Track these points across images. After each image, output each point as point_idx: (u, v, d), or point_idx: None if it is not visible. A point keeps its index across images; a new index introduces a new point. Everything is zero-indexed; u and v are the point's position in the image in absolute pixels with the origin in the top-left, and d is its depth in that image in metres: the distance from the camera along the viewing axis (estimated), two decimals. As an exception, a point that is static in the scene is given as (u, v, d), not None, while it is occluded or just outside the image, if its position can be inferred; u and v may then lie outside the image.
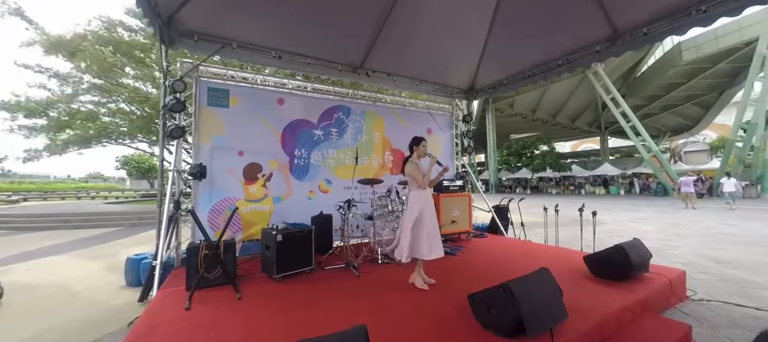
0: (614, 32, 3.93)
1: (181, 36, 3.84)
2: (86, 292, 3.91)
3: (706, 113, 29.41)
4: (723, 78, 24.62)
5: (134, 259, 4.12)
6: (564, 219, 5.57)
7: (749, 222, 9.03)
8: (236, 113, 4.56)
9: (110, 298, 3.74)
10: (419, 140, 3.27)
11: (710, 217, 10.43)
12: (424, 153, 3.23)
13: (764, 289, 3.61)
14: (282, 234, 3.37)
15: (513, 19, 4.38)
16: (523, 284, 2.15)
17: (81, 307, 3.46)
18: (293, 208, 4.83)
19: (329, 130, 5.40)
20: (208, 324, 2.38)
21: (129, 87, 12.88)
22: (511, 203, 6.43)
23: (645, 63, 26.33)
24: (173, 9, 3.54)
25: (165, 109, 3.80)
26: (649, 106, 29.40)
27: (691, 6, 3.22)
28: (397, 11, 4.14)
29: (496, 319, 2.14)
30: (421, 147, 3.23)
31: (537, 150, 29.67)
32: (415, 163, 3.20)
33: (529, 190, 30.93)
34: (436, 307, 2.60)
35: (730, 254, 5.31)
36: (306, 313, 2.59)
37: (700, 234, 7.37)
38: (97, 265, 5.29)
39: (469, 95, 6.53)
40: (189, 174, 3.97)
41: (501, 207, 6.35)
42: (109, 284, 4.21)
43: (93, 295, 3.83)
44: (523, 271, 2.43)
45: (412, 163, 3.20)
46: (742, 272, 4.29)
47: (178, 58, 4.53)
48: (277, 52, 4.38)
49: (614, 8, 3.67)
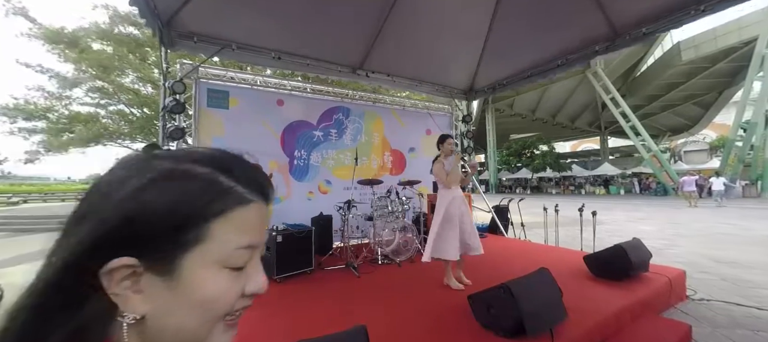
0: (613, 31, 3.94)
1: (180, 37, 3.84)
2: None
3: (705, 113, 29.41)
4: (722, 77, 24.62)
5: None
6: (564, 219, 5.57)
7: (747, 221, 9.03)
8: (236, 114, 4.57)
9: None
10: (444, 138, 3.20)
11: (710, 216, 10.43)
12: (450, 151, 3.14)
13: (764, 289, 3.61)
14: (282, 235, 3.37)
15: (512, 19, 4.38)
16: (523, 284, 2.16)
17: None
18: (293, 209, 4.83)
19: (329, 131, 5.40)
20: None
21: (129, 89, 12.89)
22: (511, 203, 6.43)
23: (644, 63, 26.34)
24: (173, 10, 3.55)
25: (165, 110, 3.80)
26: (649, 106, 29.41)
27: (690, 4, 3.23)
28: (397, 11, 4.15)
29: (496, 319, 2.14)
30: (446, 144, 3.15)
31: (537, 150, 29.67)
32: (442, 162, 3.14)
33: (529, 191, 30.93)
34: (436, 308, 2.60)
35: (730, 254, 5.31)
36: (306, 314, 2.59)
37: (699, 233, 7.37)
38: (97, 267, 5.28)
39: (469, 95, 6.54)
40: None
41: (501, 207, 6.35)
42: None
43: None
44: (523, 271, 2.43)
45: (438, 163, 3.14)
46: (742, 272, 4.29)
47: (178, 60, 4.54)
48: (276, 53, 4.38)
49: (613, 7, 3.67)
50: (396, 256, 4.12)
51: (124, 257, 0.29)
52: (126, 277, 0.30)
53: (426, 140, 6.47)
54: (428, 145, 6.47)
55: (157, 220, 0.30)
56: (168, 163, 0.34)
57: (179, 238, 0.31)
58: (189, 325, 0.32)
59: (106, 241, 0.29)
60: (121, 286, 0.30)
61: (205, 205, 0.32)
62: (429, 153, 6.42)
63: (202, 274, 0.32)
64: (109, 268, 0.29)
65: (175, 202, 0.31)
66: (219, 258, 0.33)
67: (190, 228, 0.31)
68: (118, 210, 0.30)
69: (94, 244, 0.29)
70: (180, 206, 0.31)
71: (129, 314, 0.30)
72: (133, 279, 0.30)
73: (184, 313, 0.32)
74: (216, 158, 0.36)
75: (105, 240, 0.29)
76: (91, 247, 0.29)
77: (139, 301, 0.30)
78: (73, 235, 0.30)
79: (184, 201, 0.31)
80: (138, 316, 0.30)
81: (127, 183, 0.31)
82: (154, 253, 0.30)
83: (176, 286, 0.31)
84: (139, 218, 0.30)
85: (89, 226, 0.30)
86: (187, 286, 0.31)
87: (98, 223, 0.30)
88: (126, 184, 0.31)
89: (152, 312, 0.31)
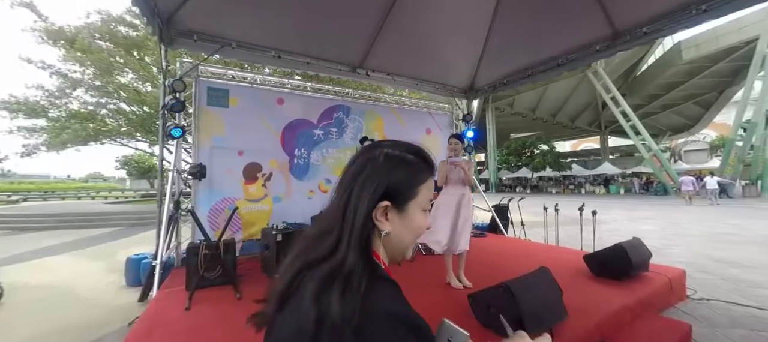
0: (614, 32, 3.93)
1: (180, 36, 3.82)
2: (86, 293, 3.92)
3: (706, 112, 29.41)
4: (723, 77, 24.62)
5: (134, 259, 4.12)
6: (564, 218, 5.57)
7: (747, 220, 9.03)
8: (236, 113, 4.56)
9: (111, 298, 3.74)
10: (449, 139, 3.35)
11: (710, 216, 10.44)
12: (450, 152, 3.29)
13: (764, 289, 3.61)
14: (282, 233, 3.37)
15: (512, 18, 4.37)
16: (522, 284, 2.16)
17: (81, 308, 3.46)
18: (293, 208, 4.83)
19: (329, 130, 5.40)
20: (209, 324, 2.38)
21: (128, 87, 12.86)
22: (511, 203, 6.43)
23: (645, 62, 26.33)
24: (173, 9, 3.54)
25: (164, 108, 3.79)
26: (649, 105, 29.41)
27: (691, 5, 3.22)
28: (397, 10, 4.13)
29: (495, 319, 2.14)
30: (449, 145, 3.30)
31: (537, 149, 29.67)
32: (443, 162, 3.28)
33: (529, 190, 30.94)
34: (436, 307, 2.60)
35: (730, 254, 5.31)
36: (306, 313, 2.59)
37: (699, 233, 7.37)
38: (98, 265, 5.29)
39: (469, 95, 6.52)
40: (189, 174, 3.97)
41: (501, 206, 6.35)
42: (110, 284, 4.21)
43: (93, 295, 3.83)
44: (523, 270, 2.43)
45: (441, 162, 3.28)
46: (742, 272, 4.29)
47: (178, 58, 4.53)
48: (276, 52, 4.37)
49: (614, 8, 3.66)
50: (396, 255, 4.13)
51: (385, 201, 0.57)
52: (383, 213, 0.57)
53: (426, 139, 6.46)
54: (428, 145, 6.39)
55: (401, 184, 0.59)
56: (395, 151, 0.61)
57: (408, 193, 0.60)
58: (407, 238, 0.61)
59: (380, 196, 0.56)
60: (381, 217, 0.57)
61: (419, 177, 0.62)
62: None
63: (416, 212, 0.61)
64: (379, 207, 0.56)
65: (408, 175, 0.60)
66: (422, 205, 0.62)
67: (413, 188, 0.60)
68: (385, 180, 0.57)
69: (377, 197, 0.56)
70: (409, 177, 0.60)
71: (384, 230, 0.57)
72: (386, 213, 0.58)
73: (406, 233, 0.60)
74: (414, 150, 0.64)
75: (380, 195, 0.56)
76: (376, 198, 0.56)
77: (388, 225, 0.58)
78: (365, 191, 0.56)
79: (411, 174, 0.61)
80: (386, 232, 0.58)
81: (381, 165, 0.58)
82: (397, 201, 0.58)
83: (404, 218, 0.60)
84: (393, 183, 0.58)
85: (372, 188, 0.56)
86: (409, 219, 0.60)
87: (377, 187, 0.56)
88: (381, 166, 0.58)
89: (392, 230, 0.58)
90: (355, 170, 0.59)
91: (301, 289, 0.51)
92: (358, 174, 0.58)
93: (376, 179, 0.57)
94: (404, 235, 0.60)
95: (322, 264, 0.52)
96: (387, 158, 0.59)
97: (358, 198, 0.56)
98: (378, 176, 0.57)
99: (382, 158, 0.59)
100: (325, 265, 0.51)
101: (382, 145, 0.63)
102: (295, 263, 0.56)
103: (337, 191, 0.60)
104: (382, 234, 0.57)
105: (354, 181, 0.58)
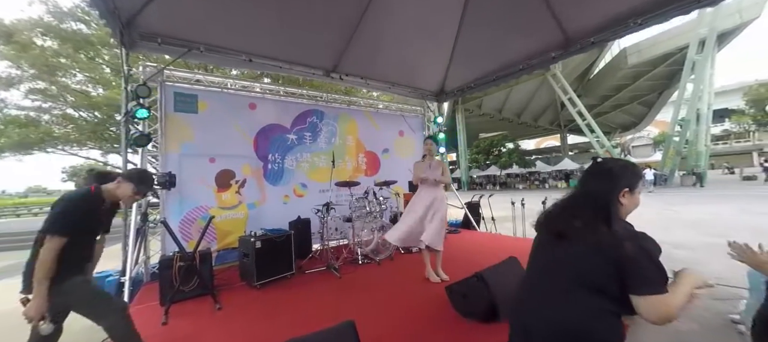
0: (566, 39, 4.33)
1: (143, 38, 3.65)
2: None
3: (649, 111, 32.58)
4: (662, 80, 27.43)
5: (97, 278, 3.83)
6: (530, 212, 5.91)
7: (683, 206, 10.19)
8: (206, 119, 4.42)
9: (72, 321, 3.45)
10: (425, 140, 3.57)
11: (654, 203, 11.61)
12: (425, 152, 3.50)
13: (698, 265, 4.13)
14: (261, 240, 3.33)
15: (477, 26, 4.65)
16: (494, 273, 2.34)
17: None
18: (268, 214, 4.76)
19: (303, 134, 5.38)
20: (189, 337, 2.32)
21: (76, 90, 11.75)
22: (482, 199, 6.77)
23: (597, 66, 28.64)
24: (135, 10, 3.37)
25: (127, 115, 3.60)
26: (601, 105, 31.99)
27: (629, 19, 3.67)
28: (370, 15, 4.24)
29: (471, 306, 2.30)
30: (425, 146, 3.52)
31: (504, 148, 31.17)
32: (419, 162, 3.50)
33: (498, 187, 32.35)
34: (416, 301, 2.73)
35: (676, 236, 5.95)
36: (290, 317, 2.60)
37: (648, 218, 8.20)
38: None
39: (440, 97, 6.79)
40: (157, 183, 3.79)
41: (473, 203, 6.67)
42: (67, 306, 3.88)
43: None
44: (495, 261, 2.62)
45: (416, 163, 3.52)
46: (687, 253, 4.83)
47: (140, 62, 4.30)
48: (247, 56, 4.29)
49: (565, 18, 4.05)
50: (376, 256, 4.21)
51: (626, 189, 1.15)
52: (625, 194, 1.15)
53: (399, 141, 6.63)
54: (401, 146, 6.63)
55: (630, 179, 1.17)
56: (616, 166, 1.20)
57: (637, 184, 1.17)
58: (631, 209, 1.18)
59: (621, 188, 1.15)
60: (623, 198, 1.15)
61: (637, 179, 1.18)
62: (402, 154, 6.59)
63: (635, 196, 1.17)
64: (621, 192, 1.15)
65: (636, 179, 1.18)
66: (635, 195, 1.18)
67: (636, 185, 1.17)
68: (621, 183, 1.15)
69: (616, 189, 1.14)
70: (637, 179, 1.18)
71: (625, 206, 1.16)
72: (626, 196, 1.15)
73: (633, 207, 1.17)
74: (627, 164, 1.22)
75: (620, 188, 1.15)
76: (616, 189, 1.14)
77: (627, 201, 1.15)
78: (603, 183, 1.17)
79: (635, 179, 1.17)
80: (624, 204, 1.15)
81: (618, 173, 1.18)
82: (629, 188, 1.15)
83: (630, 199, 1.16)
84: (623, 177, 1.17)
85: (610, 186, 1.15)
86: (633, 200, 1.17)
87: (616, 186, 1.15)
88: (618, 173, 1.18)
89: (625, 204, 1.15)
90: (596, 176, 1.23)
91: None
92: (603, 174, 1.20)
93: (617, 185, 1.16)
94: (631, 209, 1.17)
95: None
96: (623, 172, 1.19)
97: (602, 190, 1.17)
98: (619, 182, 1.16)
99: (619, 171, 1.19)
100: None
101: (618, 163, 1.22)
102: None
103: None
104: (621, 204, 1.14)
105: (597, 177, 1.21)
